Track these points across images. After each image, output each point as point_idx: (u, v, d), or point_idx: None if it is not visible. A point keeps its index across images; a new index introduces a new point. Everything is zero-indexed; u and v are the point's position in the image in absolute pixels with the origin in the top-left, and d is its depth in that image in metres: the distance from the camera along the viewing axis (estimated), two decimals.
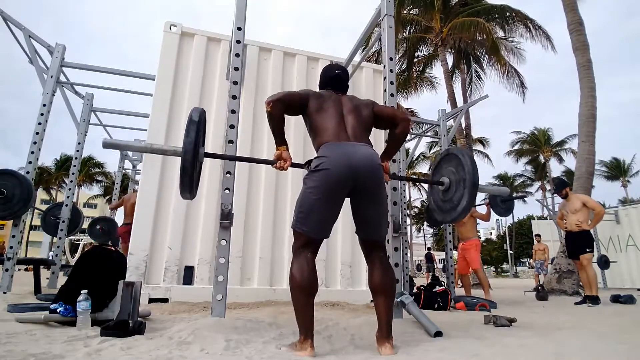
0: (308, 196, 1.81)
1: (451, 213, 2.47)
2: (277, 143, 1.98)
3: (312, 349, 1.67)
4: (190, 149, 1.83)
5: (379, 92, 4.82)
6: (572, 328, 2.73)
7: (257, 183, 4.11)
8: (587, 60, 8.44)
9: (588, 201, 5.19)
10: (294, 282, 1.78)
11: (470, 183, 2.32)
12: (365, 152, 1.85)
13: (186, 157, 1.83)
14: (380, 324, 1.80)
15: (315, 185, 1.79)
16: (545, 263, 10.80)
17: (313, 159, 1.88)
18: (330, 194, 1.79)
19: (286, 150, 1.99)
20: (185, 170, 1.85)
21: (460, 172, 2.41)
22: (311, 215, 1.80)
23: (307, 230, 1.82)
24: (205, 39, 4.30)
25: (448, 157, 2.58)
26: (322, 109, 1.98)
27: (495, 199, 5.53)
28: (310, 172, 1.86)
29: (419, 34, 15.46)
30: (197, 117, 1.90)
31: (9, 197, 4.25)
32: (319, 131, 1.94)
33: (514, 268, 38.08)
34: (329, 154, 1.81)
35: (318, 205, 1.79)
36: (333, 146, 1.85)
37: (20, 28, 4.76)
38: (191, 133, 1.85)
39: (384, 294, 1.83)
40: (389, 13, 3.25)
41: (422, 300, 4.01)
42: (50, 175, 37.66)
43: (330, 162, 1.78)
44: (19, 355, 1.47)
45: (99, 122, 6.75)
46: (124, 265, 2.68)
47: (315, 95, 2.05)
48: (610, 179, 38.85)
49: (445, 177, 2.53)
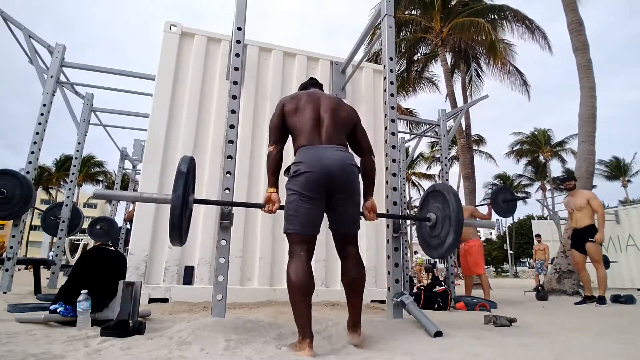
0: (292, 200, 1.94)
1: (439, 249, 2.59)
2: (269, 183, 2.08)
3: (310, 349, 1.69)
4: (179, 204, 1.88)
5: (379, 92, 4.82)
6: (572, 328, 2.73)
7: (257, 183, 4.11)
8: (587, 60, 8.44)
9: (592, 200, 5.08)
10: (290, 282, 1.84)
11: (455, 221, 2.43)
12: (336, 155, 1.96)
13: (174, 212, 1.89)
14: (351, 316, 1.96)
15: (296, 189, 1.93)
16: (546, 263, 10.79)
17: (291, 165, 2.01)
18: (310, 194, 1.91)
19: (276, 192, 2.08)
20: (174, 225, 1.91)
21: (446, 209, 2.52)
22: (298, 217, 1.92)
23: (296, 229, 1.92)
24: (205, 39, 4.30)
25: (434, 193, 2.71)
26: (298, 109, 2.09)
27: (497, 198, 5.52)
28: (290, 177, 1.98)
29: (419, 34, 15.47)
30: (186, 168, 1.97)
31: (9, 197, 4.24)
32: (295, 133, 2.06)
33: (514, 268, 38.07)
34: (304, 159, 1.94)
35: (302, 205, 1.91)
36: (307, 150, 1.97)
37: (20, 28, 4.76)
38: (179, 187, 1.91)
39: (358, 288, 1.98)
40: (389, 13, 3.25)
41: (422, 300, 4.01)
42: (51, 175, 37.67)
43: (306, 166, 1.92)
44: (19, 355, 1.47)
45: (99, 122, 6.75)
46: (124, 265, 2.68)
47: (287, 98, 2.17)
48: (611, 179, 38.86)
49: (432, 214, 2.65)
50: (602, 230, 4.92)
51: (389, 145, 2.96)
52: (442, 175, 5.91)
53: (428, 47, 15.99)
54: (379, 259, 4.29)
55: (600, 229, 4.94)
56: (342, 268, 2.04)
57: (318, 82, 2.40)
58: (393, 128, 3.01)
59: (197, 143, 4.00)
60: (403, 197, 5.69)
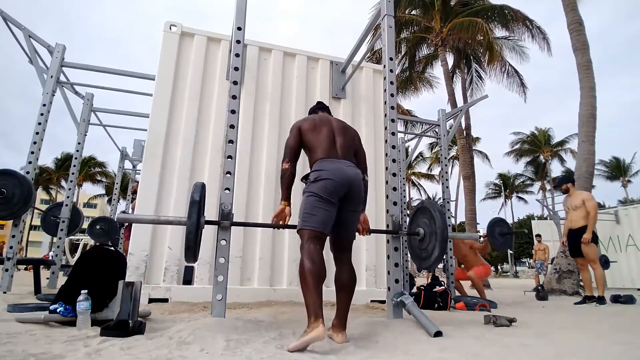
0: (311, 201, 2.11)
1: (427, 261, 2.82)
2: (283, 197, 2.28)
3: (323, 326, 1.77)
4: (194, 229, 2.08)
5: (379, 92, 4.82)
6: (572, 328, 2.73)
7: (257, 183, 4.11)
8: (587, 60, 8.44)
9: (587, 201, 5.11)
10: (304, 269, 1.95)
11: (441, 238, 2.66)
12: (353, 170, 2.22)
13: (190, 236, 2.09)
14: (340, 316, 2.11)
15: (315, 191, 2.11)
16: (546, 263, 10.80)
17: (310, 173, 2.21)
18: (328, 198, 2.10)
19: (289, 206, 2.29)
20: (189, 247, 2.11)
21: (433, 225, 2.75)
22: (315, 215, 2.08)
23: (312, 225, 2.07)
24: (205, 39, 4.30)
25: (422, 209, 2.93)
26: (315, 129, 2.33)
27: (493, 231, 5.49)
28: (310, 182, 2.17)
29: (419, 34, 15.47)
30: (198, 196, 2.16)
31: (9, 197, 4.24)
32: (313, 148, 2.28)
33: (514, 268, 38.09)
34: (326, 168, 2.16)
35: (319, 206, 2.09)
36: (328, 162, 2.20)
37: (20, 28, 4.75)
38: (193, 214, 2.11)
39: (349, 291, 2.16)
40: (389, 13, 3.25)
41: (422, 300, 4.01)
42: (51, 175, 37.67)
43: (329, 174, 2.13)
44: (19, 355, 1.47)
45: (99, 122, 6.75)
46: (124, 265, 2.67)
47: (302, 121, 2.42)
48: (610, 179, 38.88)
49: (421, 228, 2.88)
50: (590, 230, 4.99)
51: (389, 145, 2.96)
52: (442, 175, 5.91)
53: (430, 47, 16.00)
54: (379, 259, 4.29)
55: (589, 229, 5.00)
56: (337, 271, 2.23)
57: (326, 105, 2.69)
58: (393, 128, 3.01)
59: (197, 143, 4.00)
60: (403, 197, 5.69)
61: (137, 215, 2.70)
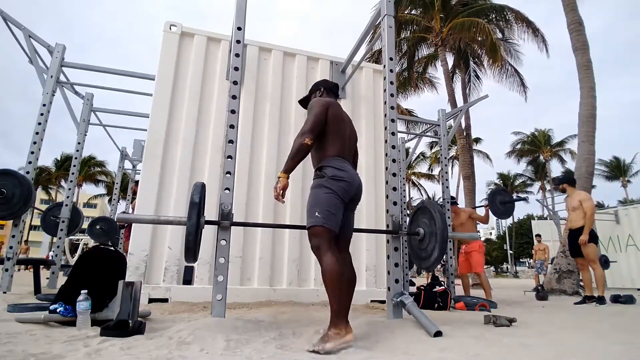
0: (332, 199, 2.08)
1: (426, 261, 2.81)
2: (289, 169, 2.14)
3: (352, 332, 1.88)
4: (194, 231, 2.07)
5: (379, 92, 4.82)
6: (572, 328, 2.73)
7: (257, 183, 4.11)
8: (587, 60, 8.44)
9: (584, 201, 5.12)
10: (335, 272, 1.92)
11: (441, 238, 2.66)
12: (359, 177, 2.30)
13: (189, 237, 2.07)
14: None
15: (338, 190, 2.10)
16: (546, 263, 10.79)
17: (327, 167, 2.16)
18: (345, 200, 2.14)
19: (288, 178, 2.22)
20: (189, 248, 2.10)
21: (433, 225, 2.75)
22: (334, 215, 2.07)
23: (333, 225, 2.05)
24: (205, 39, 4.30)
25: (423, 209, 2.92)
26: (337, 119, 2.28)
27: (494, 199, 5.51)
28: (330, 178, 2.11)
29: (419, 34, 15.46)
30: (198, 198, 2.14)
31: (9, 197, 4.24)
32: (331, 140, 2.23)
33: (514, 268, 38.09)
34: (347, 170, 2.18)
35: (340, 207, 2.11)
36: (346, 164, 2.22)
37: (20, 28, 4.75)
38: (193, 216, 2.08)
39: (352, 290, 2.16)
40: (389, 13, 3.25)
41: (422, 300, 4.01)
42: (50, 175, 37.65)
43: (349, 177, 2.16)
44: (19, 355, 1.47)
45: (99, 122, 6.75)
46: (124, 265, 2.67)
47: (331, 103, 2.32)
48: (610, 179, 38.89)
49: (421, 228, 2.88)
50: (586, 232, 5.00)
51: (389, 145, 2.96)
52: (442, 175, 5.91)
53: (430, 47, 15.99)
54: (379, 259, 4.29)
55: (585, 230, 5.01)
56: None
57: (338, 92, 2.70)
58: (393, 128, 3.01)
59: (197, 143, 4.00)
60: (403, 197, 5.69)
61: (137, 215, 2.69)
